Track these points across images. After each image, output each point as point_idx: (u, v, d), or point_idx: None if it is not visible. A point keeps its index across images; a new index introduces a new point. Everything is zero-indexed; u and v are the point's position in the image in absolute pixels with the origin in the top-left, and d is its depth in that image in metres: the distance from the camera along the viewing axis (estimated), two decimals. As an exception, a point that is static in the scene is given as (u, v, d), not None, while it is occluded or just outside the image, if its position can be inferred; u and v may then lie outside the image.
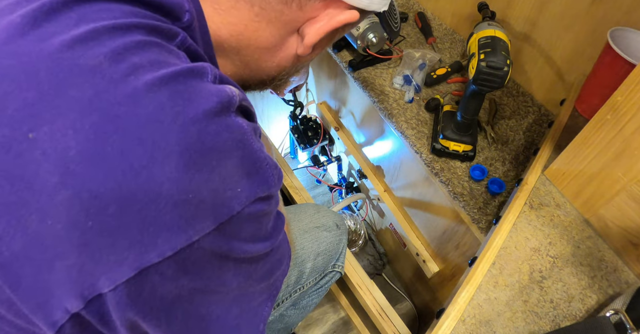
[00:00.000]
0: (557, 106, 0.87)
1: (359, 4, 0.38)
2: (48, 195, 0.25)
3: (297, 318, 0.86)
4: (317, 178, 1.56)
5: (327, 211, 0.82)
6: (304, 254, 0.73)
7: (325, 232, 0.77)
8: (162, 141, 0.26)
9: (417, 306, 1.30)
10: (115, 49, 0.28)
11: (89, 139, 0.25)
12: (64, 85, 0.26)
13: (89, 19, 0.29)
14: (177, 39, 0.32)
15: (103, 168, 0.25)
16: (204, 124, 0.27)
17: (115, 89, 0.26)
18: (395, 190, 1.14)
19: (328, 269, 0.80)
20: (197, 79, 0.29)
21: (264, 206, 0.32)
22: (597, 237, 0.63)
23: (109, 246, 0.25)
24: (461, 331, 0.52)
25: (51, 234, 0.25)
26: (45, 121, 0.25)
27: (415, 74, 0.94)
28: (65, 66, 0.27)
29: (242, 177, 0.29)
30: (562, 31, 0.81)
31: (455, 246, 0.92)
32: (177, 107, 0.27)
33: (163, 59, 0.29)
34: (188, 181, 0.27)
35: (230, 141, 0.29)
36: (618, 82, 0.52)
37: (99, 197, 0.25)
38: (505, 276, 0.57)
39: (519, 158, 0.83)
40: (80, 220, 0.25)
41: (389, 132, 1.01)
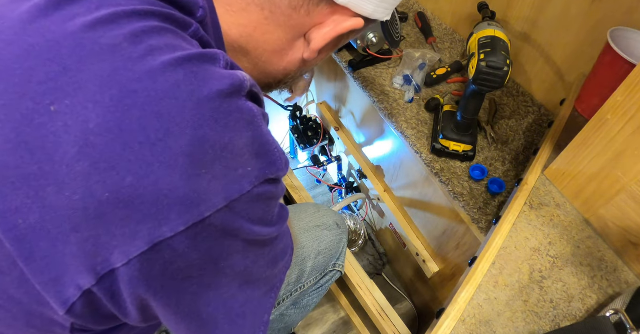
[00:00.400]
0: (557, 106, 0.87)
1: (363, 12, 0.40)
2: (67, 166, 0.26)
3: (297, 318, 0.86)
4: (317, 178, 1.56)
5: (327, 210, 0.82)
6: (305, 253, 0.73)
7: (326, 231, 0.77)
8: (178, 115, 0.27)
9: (417, 306, 1.30)
10: (134, 31, 0.29)
11: (108, 112, 0.26)
12: (85, 61, 0.27)
13: (109, 4, 0.30)
14: (191, 29, 0.33)
15: (121, 140, 0.26)
16: (217, 102, 0.29)
17: (133, 67, 0.28)
18: (395, 190, 1.14)
19: (329, 268, 0.80)
20: (210, 63, 0.30)
21: (272, 188, 0.33)
22: (597, 237, 0.63)
23: (124, 218, 0.26)
24: (461, 331, 0.52)
25: (68, 206, 0.26)
26: (67, 94, 0.27)
27: (415, 74, 0.94)
28: (87, 44, 0.28)
29: (252, 157, 0.30)
30: (562, 31, 0.81)
31: (455, 246, 0.92)
32: (191, 86, 0.28)
33: (178, 44, 0.30)
34: (200, 158, 0.28)
35: (241, 121, 0.30)
36: (618, 82, 0.52)
37: (116, 169, 0.26)
38: (505, 276, 0.57)
39: (519, 158, 0.83)
40: (97, 191, 0.26)
41: (389, 132, 1.01)
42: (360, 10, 0.40)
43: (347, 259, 1.00)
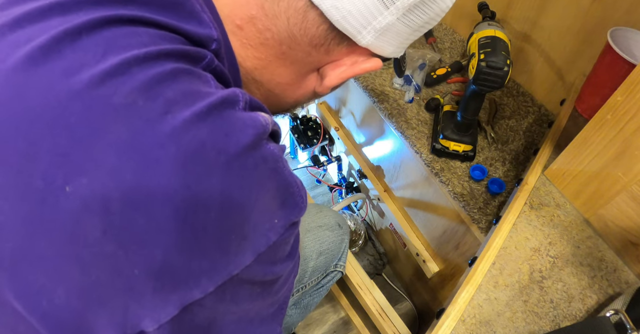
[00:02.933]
0: (557, 106, 0.87)
1: (383, 53, 0.39)
2: (92, 248, 0.24)
3: (298, 318, 0.86)
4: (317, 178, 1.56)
5: (329, 210, 0.82)
6: (307, 253, 0.74)
7: (328, 232, 0.77)
8: (205, 182, 0.26)
9: (417, 306, 1.30)
10: (148, 83, 0.27)
11: (132, 188, 0.24)
12: (98, 129, 0.25)
13: (117, 47, 0.27)
14: (204, 61, 0.31)
15: (148, 216, 0.25)
16: (243, 158, 0.27)
17: (153, 130, 0.25)
18: (395, 190, 1.14)
19: (330, 268, 0.80)
20: (230, 109, 0.29)
21: (295, 229, 0.33)
22: (597, 237, 0.63)
23: (155, 289, 0.25)
24: (461, 331, 0.52)
25: (96, 284, 0.25)
26: (82, 171, 0.24)
27: (415, 74, 0.94)
28: (98, 106, 0.25)
29: (278, 207, 0.30)
30: (562, 31, 0.81)
31: (455, 246, 0.92)
32: (217, 144, 0.27)
33: (195, 89, 0.28)
34: (231, 223, 0.27)
35: (266, 172, 0.29)
36: (618, 82, 0.52)
37: (147, 246, 0.25)
38: (505, 276, 0.57)
39: (519, 158, 0.83)
40: (126, 269, 0.25)
41: (389, 132, 1.01)
42: (380, 51, 0.39)
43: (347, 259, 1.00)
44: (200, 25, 0.32)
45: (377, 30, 0.35)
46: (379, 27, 0.35)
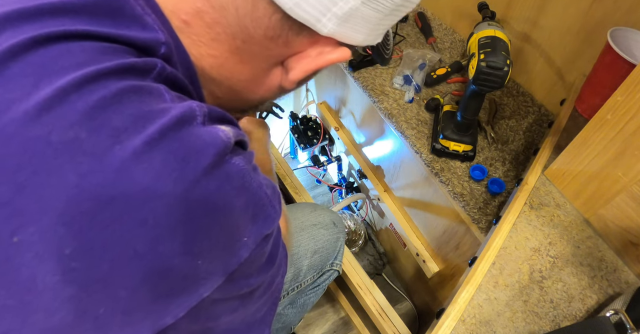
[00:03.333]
0: (557, 106, 0.87)
1: (352, 41, 0.35)
2: (52, 293, 0.23)
3: (295, 317, 0.85)
4: (317, 178, 1.56)
5: (324, 209, 0.82)
6: (301, 252, 0.74)
7: (322, 230, 0.77)
8: (165, 218, 0.24)
9: (417, 306, 1.30)
10: (89, 112, 0.24)
11: (85, 233, 0.23)
12: (41, 173, 0.23)
13: (49, 72, 0.24)
14: (154, 72, 0.28)
15: (107, 259, 0.24)
16: (204, 183, 0.26)
17: (101, 168, 0.23)
18: (395, 190, 1.14)
19: (326, 267, 0.80)
20: (186, 127, 0.26)
21: (269, 240, 0.32)
22: (597, 237, 0.63)
23: (125, 324, 0.25)
24: (461, 331, 0.52)
25: (61, 326, 0.24)
26: (29, 220, 0.23)
27: (415, 74, 0.94)
28: (36, 148, 0.23)
29: (247, 223, 0.29)
30: (562, 31, 0.81)
31: (455, 246, 0.92)
32: (174, 173, 0.25)
33: (146, 110, 0.26)
34: (197, 251, 0.26)
35: (233, 191, 0.27)
36: (618, 82, 0.52)
37: (109, 285, 0.24)
38: (505, 276, 0.57)
39: (519, 158, 0.83)
40: (91, 310, 0.24)
41: (389, 132, 1.01)
42: (348, 39, 0.35)
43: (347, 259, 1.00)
44: (144, 29, 0.29)
45: (338, 17, 0.31)
46: (341, 13, 0.31)
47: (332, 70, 1.17)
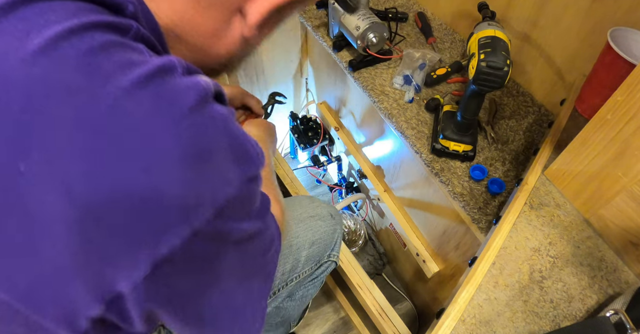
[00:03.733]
0: (557, 106, 0.87)
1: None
2: (57, 223, 0.25)
3: (293, 311, 0.85)
4: (317, 178, 1.56)
5: (321, 202, 0.83)
6: (299, 243, 0.74)
7: (320, 222, 0.78)
8: (159, 147, 0.27)
9: (417, 306, 1.30)
10: (82, 57, 0.26)
11: (86, 158, 0.25)
12: (43, 106, 0.25)
13: (37, 25, 0.26)
14: (132, 31, 0.30)
15: (106, 182, 0.25)
16: (191, 120, 0.28)
17: (97, 102, 0.26)
18: (395, 190, 1.14)
19: (323, 259, 0.81)
20: (169, 76, 0.29)
21: (253, 184, 0.33)
22: (597, 237, 0.63)
23: (123, 251, 0.27)
24: (461, 331, 0.52)
25: (66, 256, 0.26)
26: (33, 147, 0.25)
27: (415, 74, 0.94)
28: (37, 85, 0.25)
29: (232, 162, 0.31)
30: (562, 31, 0.81)
31: (455, 246, 0.92)
32: (163, 110, 0.27)
33: (130, 58, 0.28)
34: (189, 180, 0.28)
35: (217, 131, 0.30)
36: (618, 82, 0.52)
37: (108, 209, 0.26)
38: (505, 276, 0.57)
39: (519, 158, 0.83)
40: (92, 234, 0.26)
41: (389, 132, 1.01)
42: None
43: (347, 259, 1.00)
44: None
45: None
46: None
47: (332, 70, 1.17)
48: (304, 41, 1.24)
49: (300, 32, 1.20)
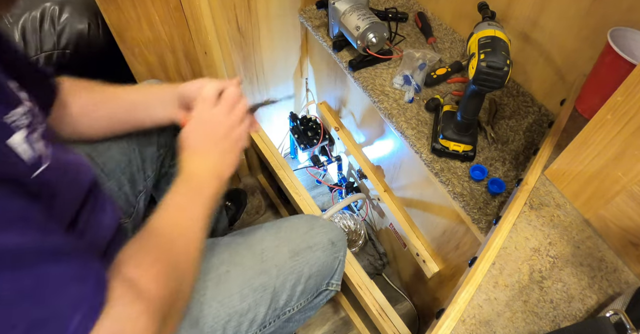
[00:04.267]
0: (557, 106, 0.87)
1: None
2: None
3: (293, 329, 0.84)
4: (317, 178, 1.56)
5: (322, 226, 0.76)
6: (294, 278, 0.69)
7: (319, 253, 0.72)
8: None
9: (417, 306, 1.30)
10: None
11: None
12: None
13: None
14: None
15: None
16: None
17: None
18: (395, 190, 1.14)
19: (322, 287, 0.76)
20: None
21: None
22: (597, 238, 0.63)
23: None
24: (461, 331, 0.52)
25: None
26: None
27: (415, 74, 0.94)
28: None
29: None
30: (562, 31, 0.81)
31: (455, 246, 0.92)
32: None
33: None
34: None
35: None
36: (618, 82, 0.52)
37: None
38: (505, 276, 0.57)
39: (519, 158, 0.83)
40: None
41: (389, 132, 1.01)
42: None
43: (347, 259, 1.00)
44: None
45: None
46: None
47: (332, 70, 1.17)
48: (304, 41, 1.24)
49: (300, 32, 1.20)
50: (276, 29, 1.13)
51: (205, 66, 1.06)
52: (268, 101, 0.77)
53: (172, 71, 1.01)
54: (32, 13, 0.95)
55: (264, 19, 1.08)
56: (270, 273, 0.68)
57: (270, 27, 1.11)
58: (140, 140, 0.78)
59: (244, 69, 1.18)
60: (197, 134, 0.64)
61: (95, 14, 0.97)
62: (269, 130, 1.50)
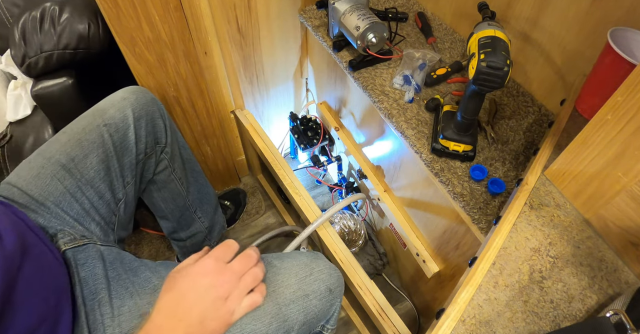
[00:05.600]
0: (557, 106, 0.87)
1: None
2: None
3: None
4: (317, 178, 1.56)
5: (320, 271, 0.74)
6: (288, 326, 0.68)
7: (315, 301, 0.71)
8: None
9: (417, 306, 1.30)
10: None
11: None
12: None
13: None
14: None
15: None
16: None
17: None
18: (395, 190, 1.14)
19: (316, 329, 0.75)
20: None
21: None
22: (597, 238, 0.63)
23: None
24: (461, 332, 0.52)
25: None
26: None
27: (415, 74, 0.94)
28: None
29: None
30: (562, 31, 0.81)
31: (455, 246, 0.92)
32: None
33: None
34: None
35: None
36: (618, 82, 0.52)
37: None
38: (505, 276, 0.57)
39: (519, 158, 0.83)
40: None
41: (389, 132, 1.01)
42: None
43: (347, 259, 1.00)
44: None
45: None
46: None
47: (332, 70, 1.17)
48: (304, 41, 1.24)
49: (300, 32, 1.20)
50: (276, 29, 1.13)
51: (205, 66, 1.06)
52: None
53: (172, 71, 1.01)
54: (32, 13, 0.95)
55: (264, 19, 1.08)
56: (263, 320, 0.66)
57: (270, 27, 1.11)
58: (117, 147, 0.79)
59: (244, 69, 1.18)
60: (186, 283, 0.58)
61: (95, 14, 0.97)
62: (269, 130, 1.50)
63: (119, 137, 0.78)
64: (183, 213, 1.07)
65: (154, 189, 0.96)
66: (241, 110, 1.29)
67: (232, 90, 1.21)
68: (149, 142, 0.85)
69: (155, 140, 0.88)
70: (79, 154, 0.74)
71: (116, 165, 0.78)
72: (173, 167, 0.95)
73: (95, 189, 0.75)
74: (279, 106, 1.42)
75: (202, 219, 1.14)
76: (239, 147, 1.42)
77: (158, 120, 0.87)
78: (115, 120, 0.78)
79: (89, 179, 0.74)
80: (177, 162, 0.97)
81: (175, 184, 0.99)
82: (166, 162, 0.93)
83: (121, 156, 0.80)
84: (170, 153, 0.93)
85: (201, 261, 0.60)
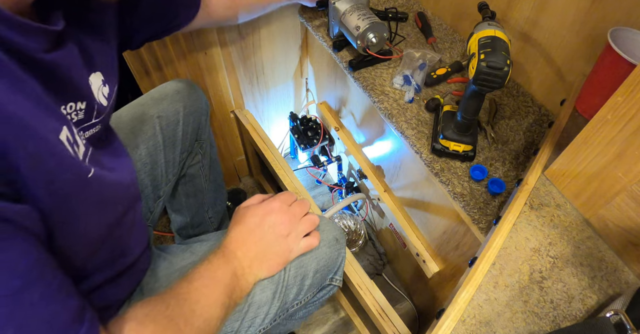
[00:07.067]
0: (557, 106, 0.87)
1: None
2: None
3: (294, 326, 0.84)
4: (317, 178, 1.56)
5: (326, 224, 0.79)
6: (304, 272, 0.72)
7: (325, 248, 0.75)
8: None
9: (417, 306, 1.30)
10: None
11: None
12: None
13: None
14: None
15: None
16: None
17: None
18: (395, 190, 1.14)
19: (325, 282, 0.78)
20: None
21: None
22: (597, 238, 0.63)
23: None
24: (461, 332, 0.52)
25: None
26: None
27: (415, 74, 0.94)
28: None
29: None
30: (562, 31, 0.81)
31: (455, 246, 0.92)
32: None
33: None
34: None
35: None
36: (618, 82, 0.52)
37: None
38: (505, 276, 0.57)
39: (519, 158, 0.83)
40: None
41: (389, 132, 1.01)
42: None
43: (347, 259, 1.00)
44: None
45: None
46: None
47: (332, 70, 1.17)
48: (304, 41, 1.23)
49: (300, 32, 1.20)
50: (276, 29, 1.13)
51: (205, 66, 1.06)
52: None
53: (171, 71, 1.01)
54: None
55: (264, 19, 1.08)
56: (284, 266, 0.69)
57: (270, 27, 1.11)
58: (166, 141, 0.77)
59: (244, 69, 1.18)
60: (254, 219, 0.64)
61: (95, 14, 0.97)
62: (269, 130, 1.50)
63: (168, 132, 0.76)
64: (198, 210, 1.07)
65: (181, 182, 0.95)
66: (241, 110, 1.29)
67: (232, 90, 1.21)
68: (192, 140, 0.85)
69: (197, 137, 0.87)
70: (130, 144, 0.71)
71: (162, 160, 0.76)
72: (203, 162, 0.95)
73: (139, 183, 0.72)
74: (279, 106, 1.42)
75: (212, 219, 1.13)
76: (239, 147, 1.42)
77: (203, 117, 0.86)
78: (168, 113, 0.76)
79: (136, 171, 0.71)
80: (207, 159, 0.96)
81: (200, 180, 0.98)
82: (199, 157, 0.93)
83: (168, 152, 0.78)
84: (204, 149, 0.92)
85: (268, 202, 0.67)
